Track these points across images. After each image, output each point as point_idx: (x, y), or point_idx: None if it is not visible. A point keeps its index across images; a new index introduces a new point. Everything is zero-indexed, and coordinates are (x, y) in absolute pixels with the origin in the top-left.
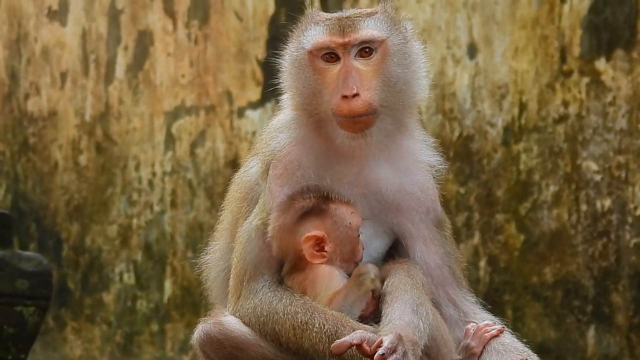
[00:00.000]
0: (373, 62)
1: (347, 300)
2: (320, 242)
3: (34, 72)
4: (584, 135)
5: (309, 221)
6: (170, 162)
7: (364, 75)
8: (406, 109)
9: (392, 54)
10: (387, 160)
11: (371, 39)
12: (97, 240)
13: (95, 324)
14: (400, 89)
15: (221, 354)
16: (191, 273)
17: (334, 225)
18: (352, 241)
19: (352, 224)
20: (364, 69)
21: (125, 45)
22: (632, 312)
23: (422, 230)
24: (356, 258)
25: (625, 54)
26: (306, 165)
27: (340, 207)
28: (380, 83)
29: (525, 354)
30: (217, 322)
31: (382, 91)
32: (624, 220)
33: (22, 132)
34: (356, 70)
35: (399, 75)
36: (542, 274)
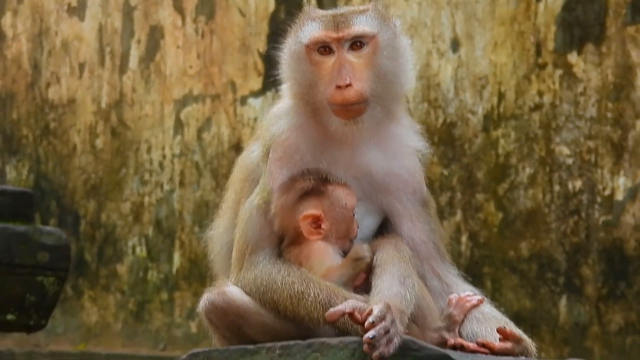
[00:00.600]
0: (365, 55)
1: (341, 279)
2: (317, 220)
3: (54, 63)
4: (557, 122)
5: (307, 201)
6: (179, 145)
7: (356, 67)
8: (395, 98)
9: (382, 48)
10: (377, 145)
11: (363, 34)
12: (111, 216)
13: (110, 292)
14: (389, 80)
15: (225, 321)
16: (198, 246)
17: (330, 205)
18: (347, 220)
19: (348, 205)
20: (356, 62)
21: (138, 38)
22: (601, 283)
23: (409, 209)
24: (351, 235)
25: (595, 48)
26: (303, 149)
27: (337, 188)
28: (371, 74)
29: (502, 322)
30: (221, 292)
31: (372, 82)
32: (594, 200)
33: (44, 117)
34: (349, 63)
35: (388, 67)
36: (519, 249)
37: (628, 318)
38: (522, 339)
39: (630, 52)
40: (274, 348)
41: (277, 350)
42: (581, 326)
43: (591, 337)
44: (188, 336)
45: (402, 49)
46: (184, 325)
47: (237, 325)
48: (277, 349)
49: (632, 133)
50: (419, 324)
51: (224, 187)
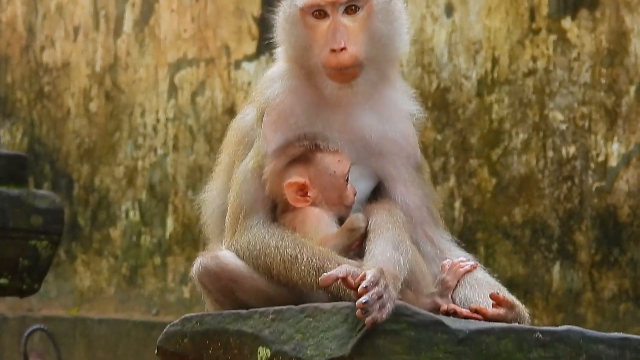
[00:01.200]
0: (359, 19)
1: (335, 248)
2: (303, 187)
3: (49, 27)
4: (551, 87)
5: (294, 168)
6: (173, 109)
7: (351, 30)
8: (389, 62)
9: (377, 12)
10: (371, 109)
11: (357, 1)
12: (105, 180)
13: (103, 257)
14: (384, 44)
15: (218, 285)
16: (191, 211)
17: (317, 172)
18: (337, 187)
19: (337, 172)
20: (351, 25)
21: (133, 2)
22: (594, 250)
23: (403, 174)
24: (345, 202)
25: (589, 13)
26: (298, 112)
27: (326, 155)
28: (365, 38)
29: (495, 288)
30: (214, 256)
31: (367, 45)
32: (587, 166)
33: (38, 81)
34: (344, 26)
35: (382, 31)
36: (512, 215)
37: (621, 285)
38: (515, 305)
39: (624, 18)
40: (266, 313)
41: (269, 315)
42: (574, 293)
43: (584, 303)
44: (181, 301)
45: (397, 12)
46: (177, 290)
47: (230, 289)
48: (270, 313)
49: (626, 99)
50: (413, 289)
51: (217, 151)
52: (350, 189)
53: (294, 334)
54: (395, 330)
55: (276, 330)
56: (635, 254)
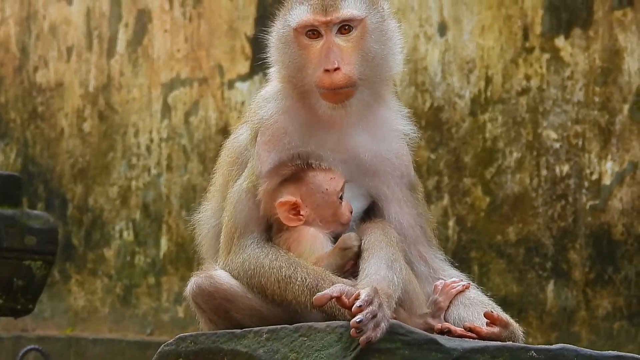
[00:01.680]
0: (353, 39)
1: (329, 268)
2: (295, 206)
3: (42, 47)
4: (544, 106)
5: (285, 187)
6: (166, 129)
7: (344, 50)
8: (383, 81)
9: (370, 32)
10: (365, 129)
11: (351, 18)
12: (99, 200)
13: (97, 277)
14: (377, 64)
15: (211, 304)
16: (185, 231)
17: (309, 191)
18: (331, 205)
19: (329, 190)
20: (344, 45)
21: (126, 22)
22: (588, 268)
23: (397, 193)
24: (341, 220)
25: (583, 32)
26: (292, 132)
27: (318, 173)
28: (359, 58)
29: (489, 307)
30: (208, 276)
31: (360, 65)
32: (581, 184)
33: (32, 101)
34: (337, 46)
35: (376, 51)
36: (506, 233)
37: (615, 303)
38: (509, 323)
39: (618, 36)
40: (261, 332)
41: (264, 334)
42: (568, 311)
43: (578, 321)
44: (175, 320)
45: (391, 32)
46: (171, 310)
47: (224, 309)
48: (265, 333)
49: (619, 117)
50: (406, 309)
51: (211, 171)
52: (345, 206)
53: (289, 353)
54: (390, 349)
55: (270, 349)
56: (629, 272)
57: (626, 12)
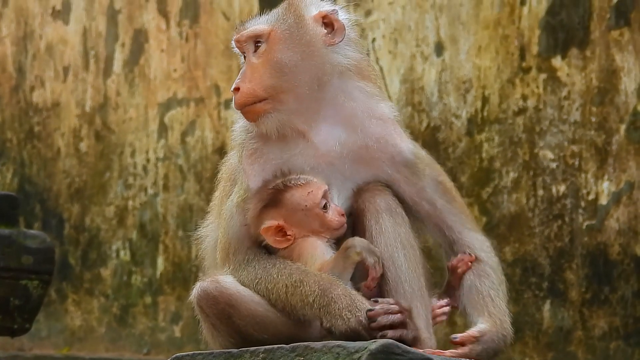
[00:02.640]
0: (261, 54)
1: (334, 273)
2: (280, 229)
3: (39, 67)
4: (541, 126)
5: (267, 213)
6: (163, 149)
7: (254, 67)
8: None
9: (280, 41)
10: (335, 125)
11: (255, 33)
12: (95, 220)
13: (94, 296)
14: (290, 71)
15: (215, 309)
16: (182, 250)
17: (290, 211)
18: (315, 218)
19: (309, 206)
20: (256, 62)
21: (123, 42)
22: (585, 288)
23: (393, 176)
24: (332, 226)
25: (579, 52)
26: (269, 145)
27: (295, 192)
28: (267, 71)
29: (488, 300)
30: (214, 280)
31: (270, 78)
32: (577, 204)
33: (28, 121)
34: (250, 65)
35: (286, 59)
36: (503, 253)
37: (612, 323)
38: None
39: (615, 56)
40: (257, 352)
41: (260, 354)
42: (565, 331)
43: (575, 341)
44: (172, 340)
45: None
46: (168, 329)
47: (227, 314)
48: (261, 352)
49: (616, 137)
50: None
51: (207, 190)
52: (333, 212)
53: None
54: None
55: None
56: (625, 292)
57: (623, 32)
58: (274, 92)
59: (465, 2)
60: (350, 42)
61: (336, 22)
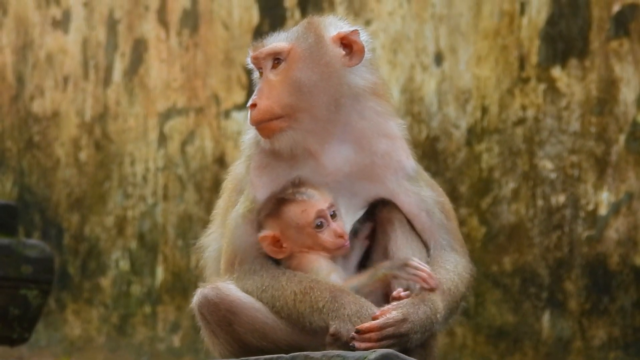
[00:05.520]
0: (281, 72)
1: (356, 288)
2: (276, 240)
3: (38, 76)
4: (540, 136)
5: (267, 222)
6: (163, 159)
7: (272, 84)
8: (330, 103)
9: (299, 60)
10: (344, 143)
11: (274, 50)
12: (95, 229)
13: (93, 306)
14: (308, 91)
15: (216, 316)
16: (181, 260)
17: (285, 225)
18: (308, 236)
19: (301, 224)
20: (274, 79)
21: (122, 52)
22: (584, 298)
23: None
24: (326, 247)
25: (579, 62)
26: (278, 160)
27: (292, 208)
28: (286, 89)
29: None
30: (215, 287)
31: (289, 96)
32: (577, 215)
33: (28, 130)
34: (267, 82)
35: (305, 79)
36: (502, 264)
37: (611, 333)
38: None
39: (614, 67)
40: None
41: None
42: (564, 341)
43: (574, 352)
44: (171, 350)
45: (326, 55)
46: (167, 339)
47: (227, 321)
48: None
49: (616, 148)
50: None
51: (207, 200)
52: (330, 231)
53: None
54: None
55: None
56: (624, 303)
57: (622, 42)
58: (291, 110)
59: (465, 12)
60: (367, 63)
61: (355, 43)
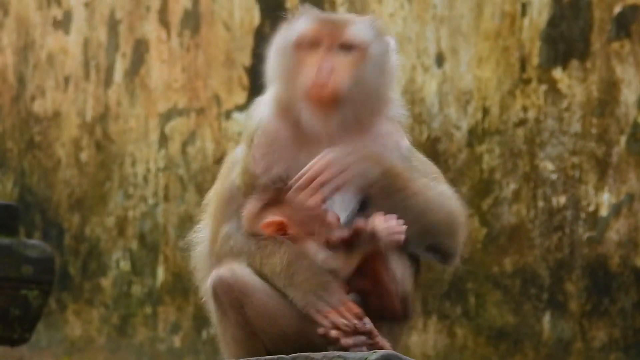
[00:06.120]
0: (351, 59)
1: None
2: (282, 227)
3: (39, 77)
4: (541, 138)
5: (269, 211)
6: (164, 159)
7: (341, 66)
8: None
9: (370, 59)
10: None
11: (355, 41)
12: (96, 230)
13: (94, 306)
14: (367, 91)
15: (229, 296)
16: (182, 261)
17: (293, 210)
18: (316, 218)
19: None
20: (342, 61)
21: (123, 52)
22: (584, 300)
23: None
24: (332, 227)
25: (580, 64)
26: (284, 137)
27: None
28: (352, 78)
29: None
30: (230, 268)
31: (352, 86)
32: (578, 216)
33: (29, 131)
34: (334, 62)
35: (370, 78)
36: (502, 265)
37: (612, 334)
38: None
39: (615, 68)
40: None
41: None
42: (565, 342)
43: (575, 353)
44: (172, 351)
45: (390, 65)
46: (168, 340)
47: (239, 302)
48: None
49: (617, 149)
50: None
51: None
52: (332, 214)
53: None
54: None
55: None
56: (625, 304)
57: (624, 44)
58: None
59: (466, 13)
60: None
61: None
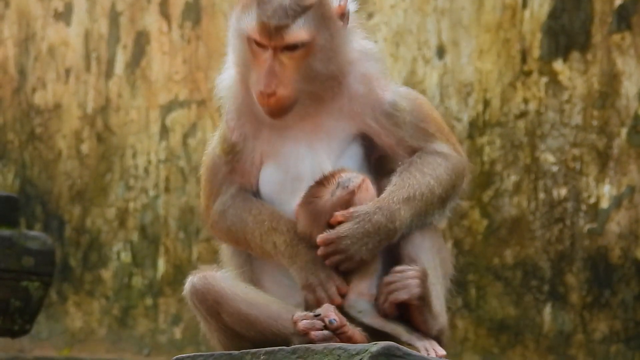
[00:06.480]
0: (296, 57)
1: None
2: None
3: (40, 69)
4: (542, 130)
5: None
6: (165, 151)
7: (286, 69)
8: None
9: (317, 51)
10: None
11: (296, 42)
12: (96, 221)
13: (95, 298)
14: (320, 81)
15: (205, 305)
16: (183, 252)
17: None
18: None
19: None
20: (288, 63)
21: (124, 44)
22: (585, 291)
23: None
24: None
25: (581, 56)
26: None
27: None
28: (300, 76)
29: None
30: (202, 276)
31: (301, 83)
32: (578, 208)
33: (30, 122)
34: (279, 65)
35: (320, 69)
36: (503, 256)
37: (612, 326)
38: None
39: (616, 60)
40: (258, 354)
41: (261, 356)
42: (565, 334)
43: (575, 345)
44: (172, 342)
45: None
46: (168, 331)
47: (215, 310)
48: (262, 354)
49: (617, 141)
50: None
51: None
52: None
53: None
54: None
55: None
56: (626, 296)
57: (624, 36)
58: (302, 93)
59: (467, 5)
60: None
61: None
